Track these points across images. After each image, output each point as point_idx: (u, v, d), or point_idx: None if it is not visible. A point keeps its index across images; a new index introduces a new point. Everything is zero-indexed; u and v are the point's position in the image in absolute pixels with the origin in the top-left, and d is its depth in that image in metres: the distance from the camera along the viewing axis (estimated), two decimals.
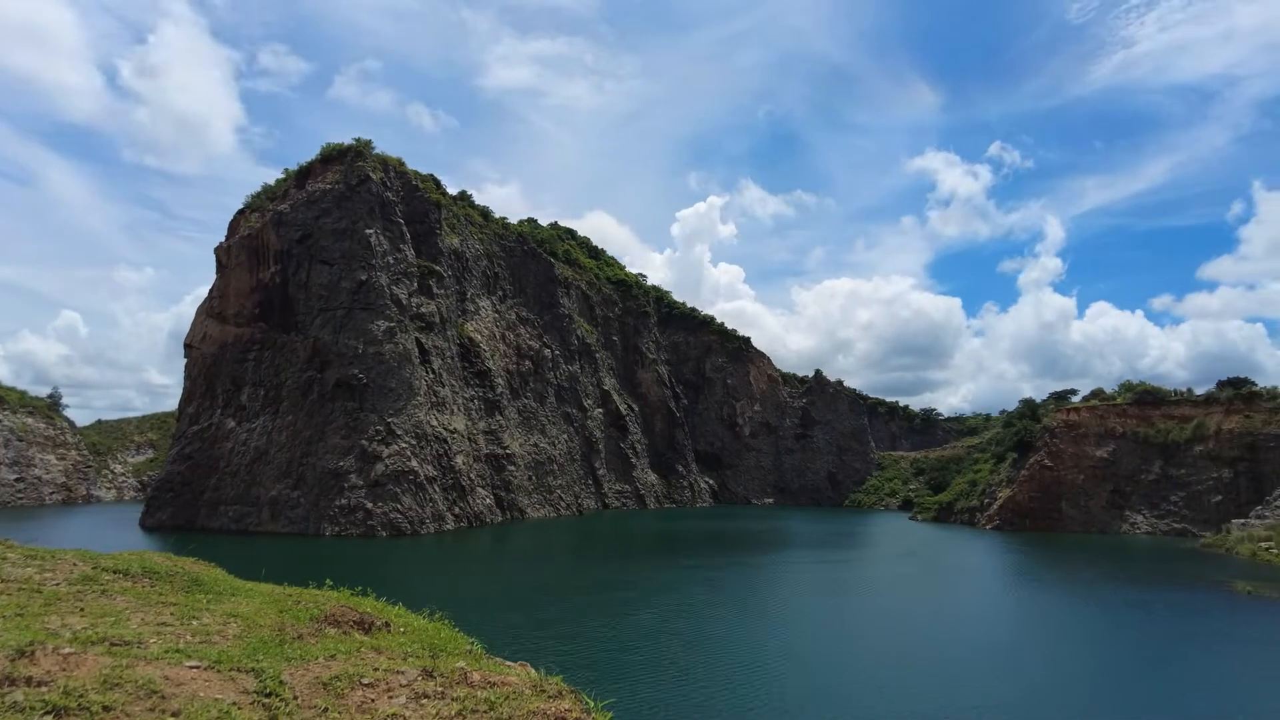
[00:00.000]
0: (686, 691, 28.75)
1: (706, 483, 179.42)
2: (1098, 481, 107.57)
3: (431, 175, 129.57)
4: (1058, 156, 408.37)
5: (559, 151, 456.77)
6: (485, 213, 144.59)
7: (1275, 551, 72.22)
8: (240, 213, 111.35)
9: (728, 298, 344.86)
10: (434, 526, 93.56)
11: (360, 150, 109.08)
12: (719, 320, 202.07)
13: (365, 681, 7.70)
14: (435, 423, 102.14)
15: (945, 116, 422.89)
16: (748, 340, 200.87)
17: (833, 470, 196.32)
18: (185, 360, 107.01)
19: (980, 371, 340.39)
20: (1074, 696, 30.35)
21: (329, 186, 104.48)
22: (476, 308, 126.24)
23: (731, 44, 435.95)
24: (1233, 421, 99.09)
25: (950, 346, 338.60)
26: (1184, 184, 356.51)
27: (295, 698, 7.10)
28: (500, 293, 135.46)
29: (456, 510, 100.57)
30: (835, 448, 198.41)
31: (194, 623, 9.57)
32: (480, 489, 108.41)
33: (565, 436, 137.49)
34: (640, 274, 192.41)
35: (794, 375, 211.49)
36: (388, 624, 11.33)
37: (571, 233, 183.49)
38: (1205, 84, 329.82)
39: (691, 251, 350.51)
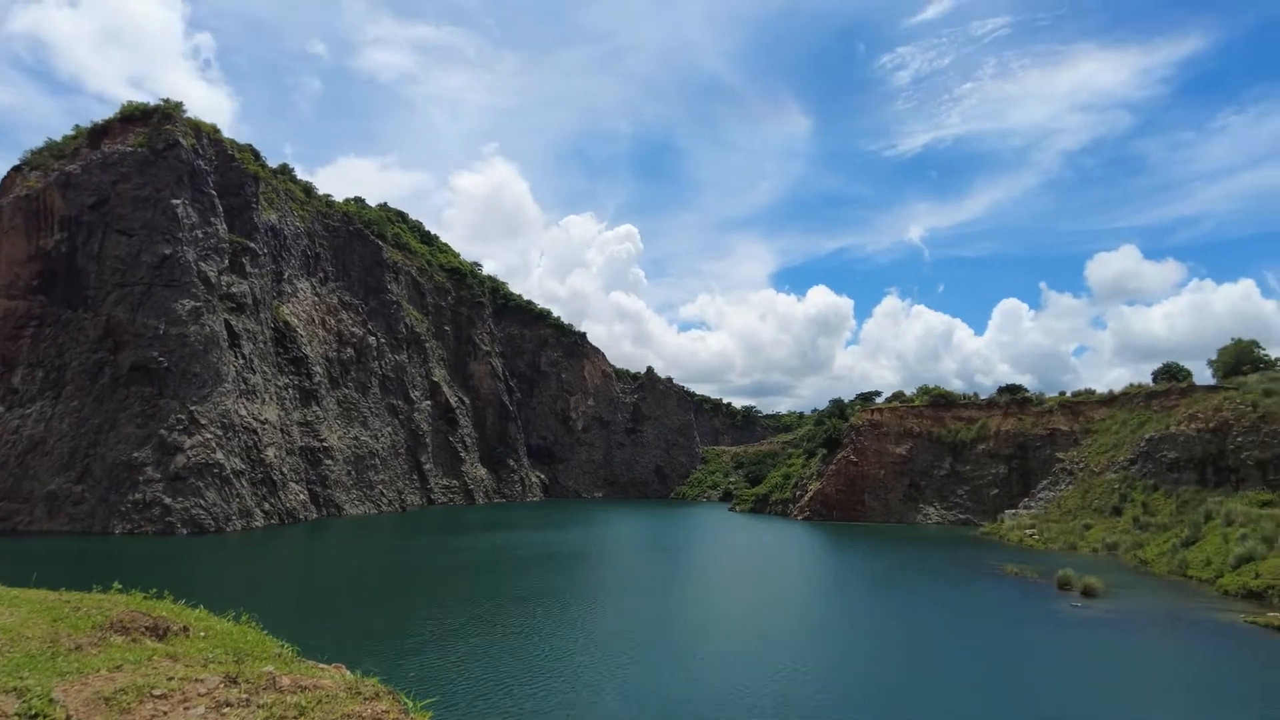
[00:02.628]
0: (510, 687, 28.38)
1: (538, 477, 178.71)
2: (897, 476, 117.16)
3: (250, 146, 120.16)
4: (898, 184, 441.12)
5: (430, 140, 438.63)
6: (308, 189, 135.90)
7: (1036, 537, 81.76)
8: (15, 170, 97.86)
9: (621, 316, 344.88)
10: (241, 523, 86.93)
11: (169, 112, 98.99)
12: (555, 314, 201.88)
13: (157, 693, 6.89)
14: (245, 412, 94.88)
15: (813, 141, 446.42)
16: (583, 335, 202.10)
17: (660, 464, 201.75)
18: None
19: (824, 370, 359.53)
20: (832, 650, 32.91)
21: (130, 149, 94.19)
22: (294, 289, 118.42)
23: (618, 51, 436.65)
24: (1008, 423, 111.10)
25: (829, 352, 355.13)
26: (1000, 217, 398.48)
27: (69, 717, 6.20)
28: (321, 274, 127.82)
29: (267, 506, 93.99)
30: (664, 442, 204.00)
31: None
32: (294, 484, 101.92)
33: (389, 429, 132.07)
34: (475, 262, 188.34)
35: (626, 371, 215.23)
36: (186, 628, 10.28)
37: (403, 215, 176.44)
38: (1029, 133, 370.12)
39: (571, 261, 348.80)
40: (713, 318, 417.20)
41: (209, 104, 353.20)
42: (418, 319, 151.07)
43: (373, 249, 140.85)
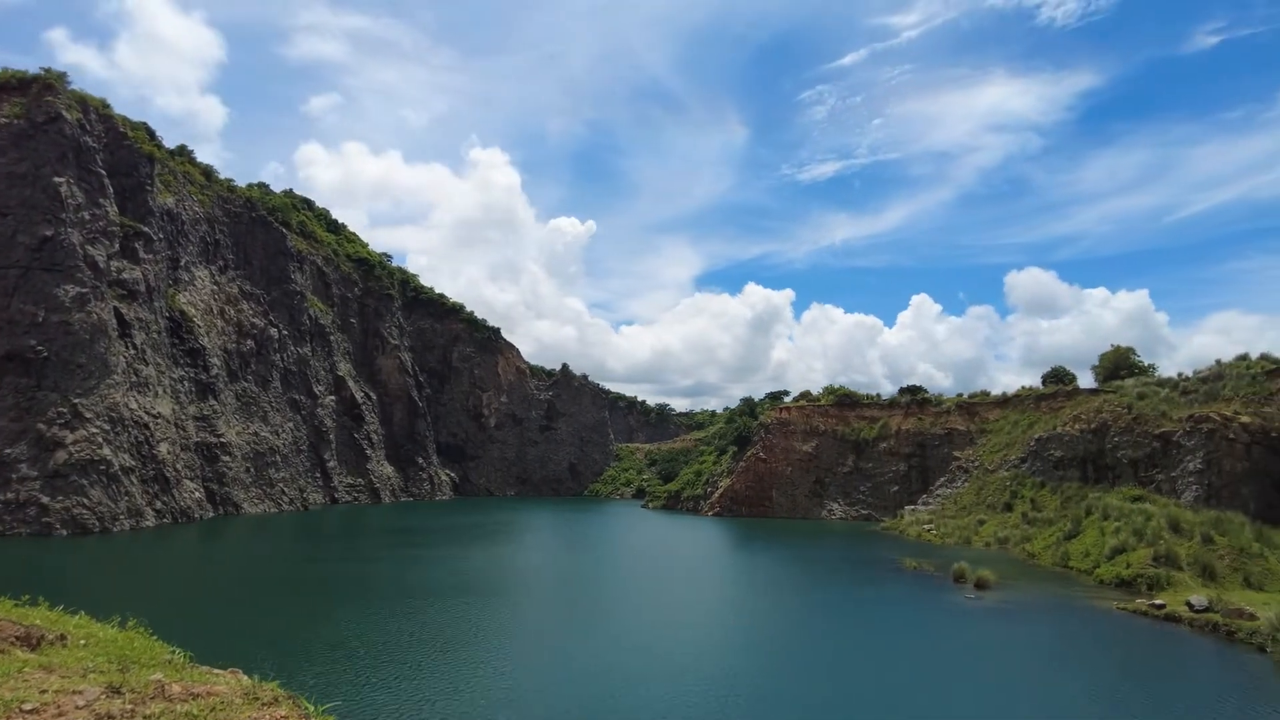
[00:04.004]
0: (417, 690, 27.81)
1: (448, 475, 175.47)
2: (803, 473, 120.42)
3: (144, 124, 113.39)
4: (819, 195, 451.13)
5: (358, 133, 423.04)
6: (208, 172, 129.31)
7: (934, 532, 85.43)
8: None
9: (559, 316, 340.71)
10: (130, 523, 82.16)
11: (51, 83, 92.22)
12: (469, 309, 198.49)
13: (28, 708, 6.45)
14: (135, 405, 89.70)
15: (747, 150, 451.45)
16: (497, 331, 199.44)
17: (574, 461, 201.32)
18: None
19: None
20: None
21: (5, 121, 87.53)
22: (192, 277, 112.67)
23: (558, 52, 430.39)
24: (909, 423, 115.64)
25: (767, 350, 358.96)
26: (914, 228, 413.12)
27: None
28: (221, 262, 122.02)
29: (158, 505, 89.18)
30: (578, 440, 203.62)
31: None
32: (188, 481, 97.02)
33: (291, 425, 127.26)
34: (385, 254, 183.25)
35: (541, 368, 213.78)
36: (63, 637, 9.66)
37: (309, 203, 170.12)
38: (949, 149, 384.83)
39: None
40: (643, 315, 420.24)
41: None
42: (323, 310, 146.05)
43: (276, 237, 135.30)
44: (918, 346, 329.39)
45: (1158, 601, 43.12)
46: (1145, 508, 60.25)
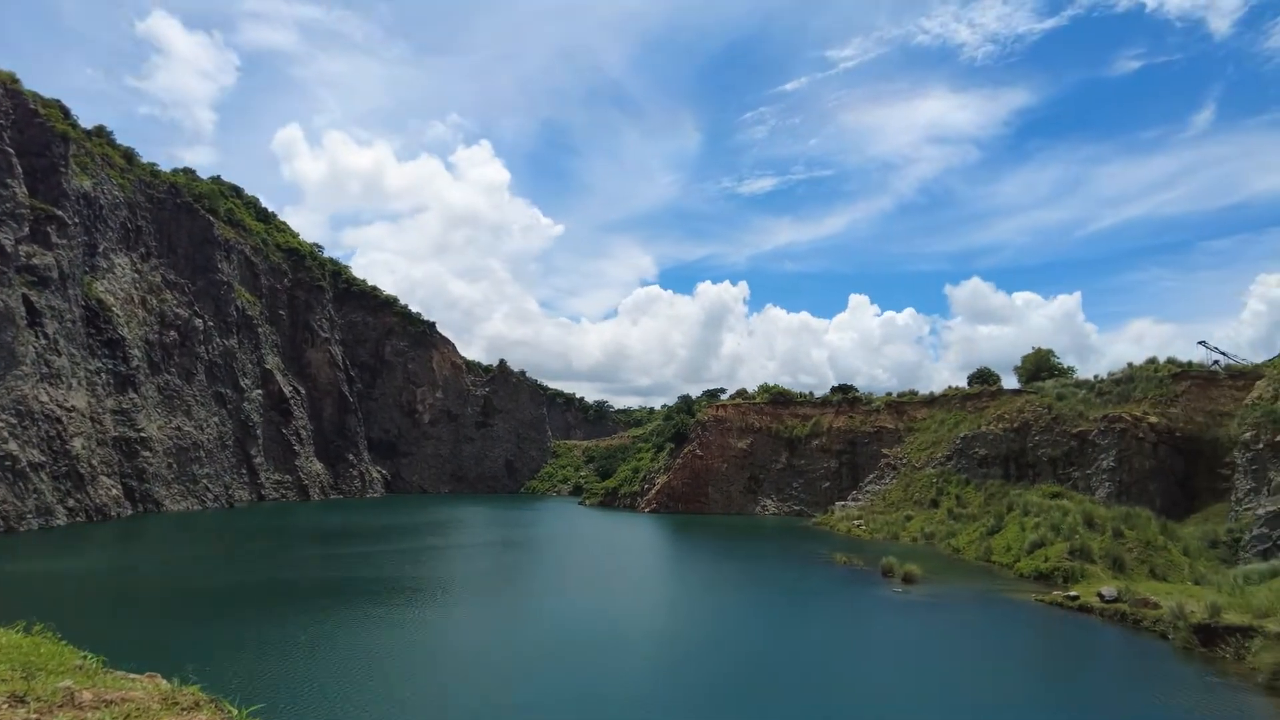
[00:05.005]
0: (345, 690, 27.26)
1: (379, 472, 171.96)
2: (738, 469, 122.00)
3: (58, 102, 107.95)
4: (771, 196, 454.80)
5: (311, 123, 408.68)
6: (129, 155, 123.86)
7: (863, 527, 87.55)
8: None
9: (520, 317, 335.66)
10: (38, 522, 78.24)
11: None
12: (403, 302, 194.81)
13: None
14: (46, 398, 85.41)
15: (705, 151, 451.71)
16: (432, 325, 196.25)
17: (511, 458, 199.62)
18: None
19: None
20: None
21: None
22: (110, 265, 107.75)
23: (515, 49, 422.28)
24: (840, 421, 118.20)
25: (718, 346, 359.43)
26: (854, 233, 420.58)
27: None
28: (143, 250, 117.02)
29: (71, 502, 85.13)
30: (515, 436, 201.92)
31: None
32: (105, 478, 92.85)
33: (216, 420, 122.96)
34: (316, 244, 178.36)
35: (478, 363, 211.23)
36: None
37: (238, 190, 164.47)
38: (889, 159, 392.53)
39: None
40: (592, 313, 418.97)
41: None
42: (250, 301, 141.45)
43: (202, 224, 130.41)
44: (860, 348, 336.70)
45: (1072, 593, 45.06)
46: (1063, 504, 62.91)
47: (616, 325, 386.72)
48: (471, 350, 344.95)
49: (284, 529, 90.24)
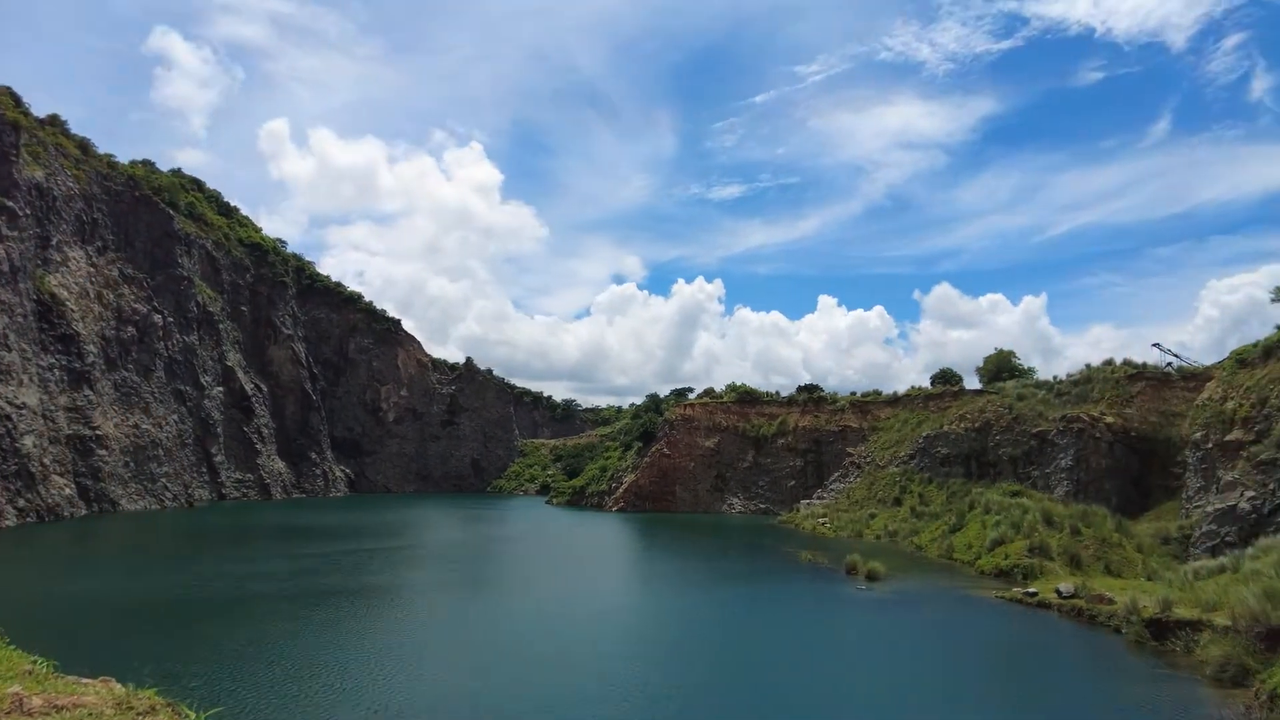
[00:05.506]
0: (305, 693, 26.94)
1: (343, 471, 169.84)
2: (706, 468, 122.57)
3: (9, 89, 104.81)
4: (740, 202, 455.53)
5: (264, 119, 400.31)
6: (84, 145, 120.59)
7: (828, 525, 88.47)
8: None
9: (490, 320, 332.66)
10: None
11: None
12: (367, 299, 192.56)
13: None
14: None
15: (677, 155, 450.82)
16: (397, 322, 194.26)
17: (477, 457, 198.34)
18: None
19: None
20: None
21: None
22: (64, 258, 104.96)
23: (491, 48, 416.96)
24: (805, 420, 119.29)
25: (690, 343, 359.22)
26: (824, 236, 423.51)
27: None
28: (99, 243, 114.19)
29: (21, 502, 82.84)
30: (481, 435, 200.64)
31: None
32: (57, 476, 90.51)
33: (176, 417, 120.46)
34: (279, 239, 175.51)
35: (444, 361, 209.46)
36: None
37: (199, 183, 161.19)
38: (859, 164, 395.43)
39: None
40: (565, 311, 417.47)
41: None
42: (212, 297, 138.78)
43: (162, 218, 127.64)
44: (830, 349, 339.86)
45: (1031, 590, 46.00)
46: (1022, 502, 64.13)
47: (593, 325, 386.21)
48: (448, 350, 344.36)
49: (245, 529, 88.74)
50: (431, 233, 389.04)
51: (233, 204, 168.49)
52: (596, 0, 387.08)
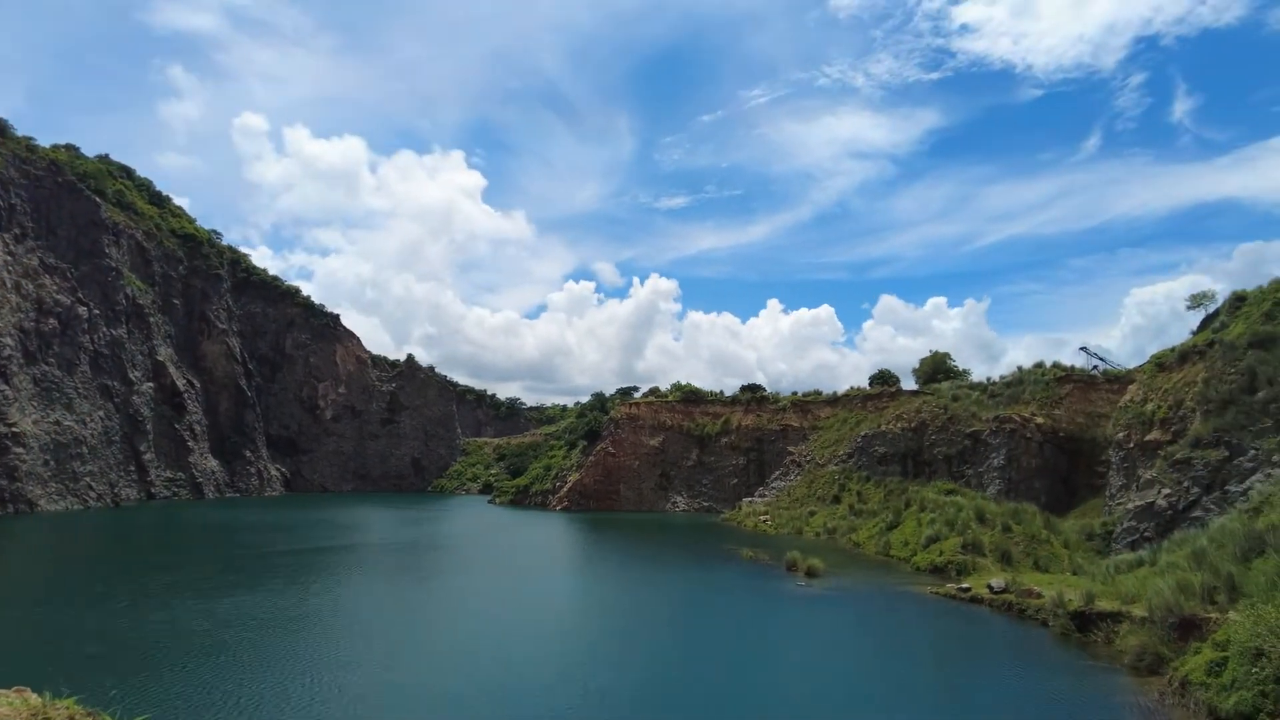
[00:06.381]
0: (236, 695, 26.18)
1: (279, 470, 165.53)
2: (650, 467, 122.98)
3: None
4: (697, 205, 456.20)
5: (218, 115, 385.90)
6: (2, 128, 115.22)
7: (769, 523, 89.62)
8: None
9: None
10: None
11: None
12: (305, 293, 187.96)
13: None
14: None
15: (635, 159, 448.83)
16: (336, 317, 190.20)
17: (418, 456, 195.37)
18: None
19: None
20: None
21: None
22: None
23: (450, 46, 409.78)
24: (748, 419, 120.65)
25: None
26: (770, 243, 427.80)
27: None
28: (18, 231, 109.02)
29: None
30: (422, 433, 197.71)
31: None
32: None
33: (102, 414, 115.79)
34: (214, 230, 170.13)
35: (384, 358, 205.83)
36: None
37: (129, 170, 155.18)
38: (811, 170, 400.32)
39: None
40: (522, 307, 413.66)
41: None
42: (142, 289, 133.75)
43: (88, 206, 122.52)
44: (778, 351, 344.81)
45: (964, 585, 47.33)
46: (957, 500, 65.90)
47: (550, 324, 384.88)
48: (408, 348, 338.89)
49: (172, 528, 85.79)
50: (406, 232, 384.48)
51: (165, 193, 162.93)
52: (556, 4, 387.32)
